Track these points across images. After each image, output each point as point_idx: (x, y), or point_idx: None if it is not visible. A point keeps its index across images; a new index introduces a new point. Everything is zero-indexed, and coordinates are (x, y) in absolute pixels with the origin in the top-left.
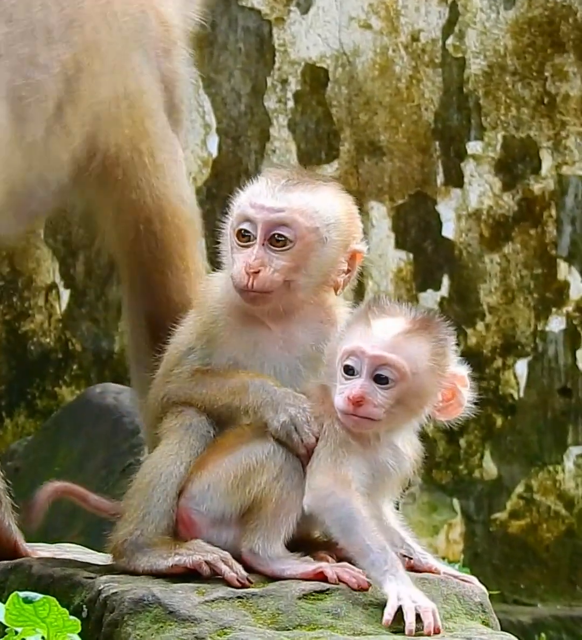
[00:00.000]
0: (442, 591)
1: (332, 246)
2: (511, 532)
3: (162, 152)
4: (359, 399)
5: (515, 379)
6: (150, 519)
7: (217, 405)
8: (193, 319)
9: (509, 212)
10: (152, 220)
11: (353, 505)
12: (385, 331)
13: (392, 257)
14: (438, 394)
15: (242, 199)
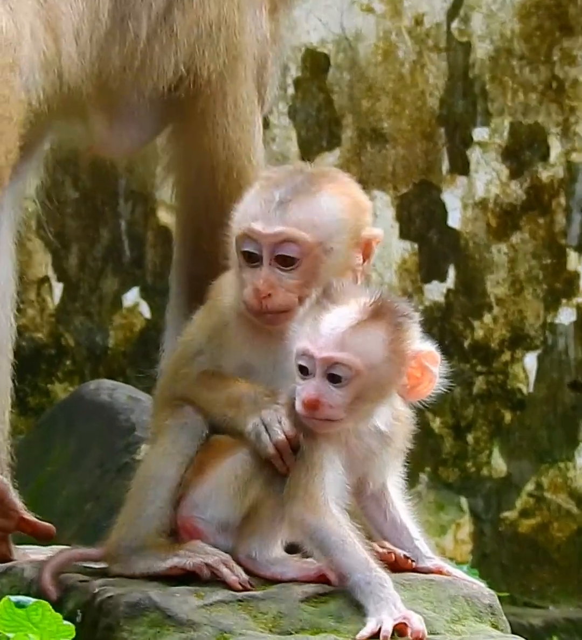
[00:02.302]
0: (449, 593)
1: (340, 251)
2: (521, 531)
3: (244, 108)
4: (313, 403)
5: (524, 373)
6: (143, 522)
7: (214, 412)
8: (203, 321)
9: (516, 201)
10: (216, 172)
11: (327, 528)
12: (333, 327)
13: (396, 247)
14: (402, 378)
15: (241, 219)
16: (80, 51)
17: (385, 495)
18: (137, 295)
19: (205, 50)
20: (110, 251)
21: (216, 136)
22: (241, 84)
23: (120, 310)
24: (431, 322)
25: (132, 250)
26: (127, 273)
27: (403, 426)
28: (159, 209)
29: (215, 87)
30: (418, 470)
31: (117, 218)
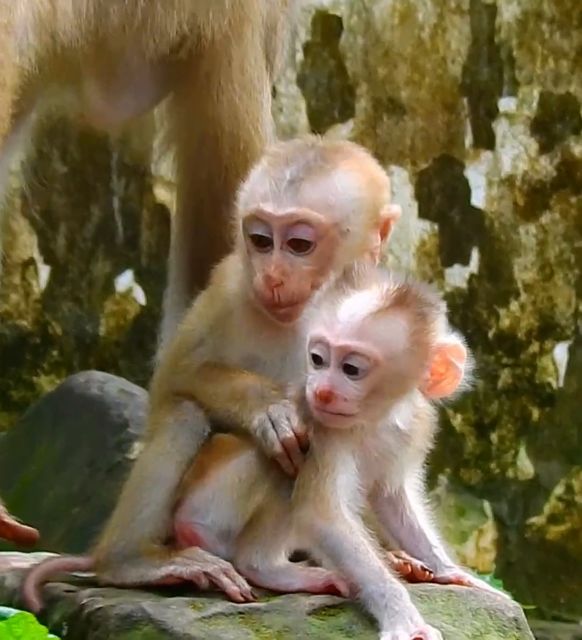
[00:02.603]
0: (471, 605)
1: (358, 232)
2: (549, 538)
3: (252, 74)
4: (326, 395)
5: (553, 366)
6: (136, 527)
7: (216, 407)
8: (205, 309)
9: (546, 178)
10: (221, 143)
11: (338, 534)
12: (351, 313)
13: (414, 228)
14: (424, 373)
15: (248, 200)
16: (76, 8)
17: (402, 499)
18: (131, 280)
19: (209, 8)
20: (101, 231)
21: (221, 104)
22: (248, 47)
23: (112, 295)
24: (452, 310)
25: (126, 230)
26: (120, 255)
27: (424, 424)
28: (155, 185)
29: (220, 50)
30: (437, 472)
31: (110, 195)
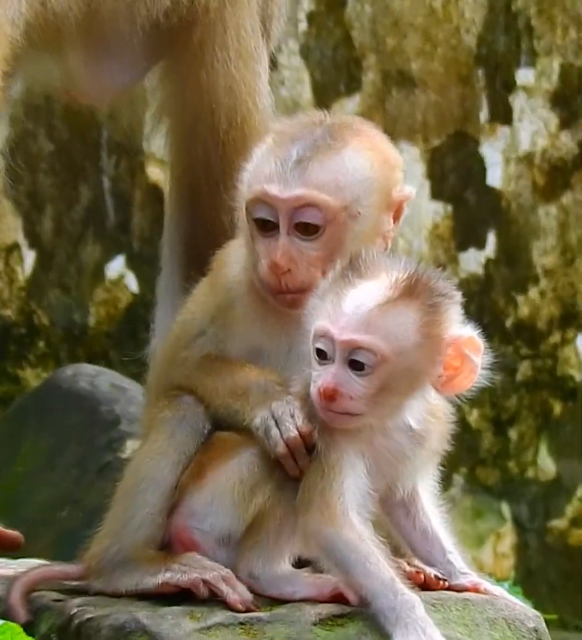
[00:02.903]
0: (488, 615)
1: (369, 215)
2: (572, 543)
3: (248, 41)
4: (331, 392)
5: (576, 357)
6: (129, 532)
7: (217, 403)
8: (206, 297)
9: (567, 155)
10: (217, 116)
11: (346, 543)
12: (357, 305)
13: (426, 210)
14: (436, 368)
15: (252, 181)
16: None
17: (415, 501)
18: (122, 265)
19: None
20: (90, 213)
21: (216, 73)
22: (244, 12)
23: (102, 282)
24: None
25: (117, 212)
26: (110, 239)
27: (440, 424)
28: (148, 164)
29: (215, 15)
30: (452, 471)
31: (99, 174)
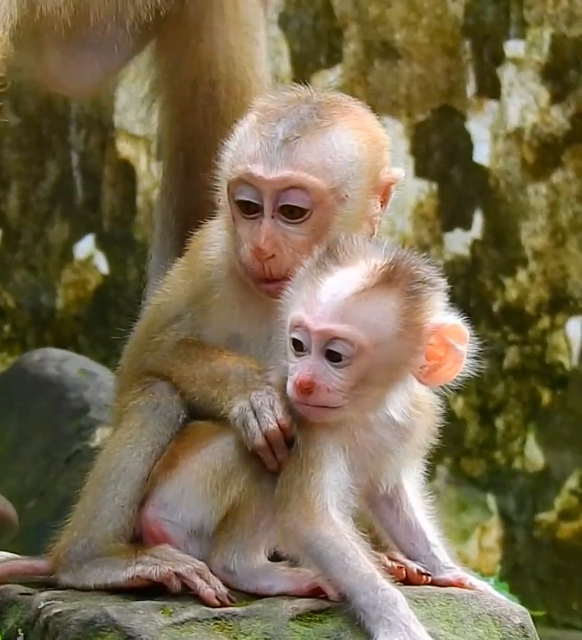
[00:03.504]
0: (472, 610)
1: (357, 198)
2: (561, 537)
3: (246, 10)
4: (307, 385)
5: (566, 343)
6: (99, 524)
7: (194, 390)
8: (183, 280)
9: (558, 131)
10: (216, 86)
11: (324, 539)
12: (333, 294)
13: (410, 188)
14: (418, 358)
15: (235, 161)
16: None
17: (399, 494)
18: (91, 245)
19: None
20: (58, 190)
21: (214, 44)
22: None
23: (71, 263)
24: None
25: (86, 189)
26: (79, 217)
27: (425, 417)
28: (118, 139)
29: None
30: (436, 462)
31: (68, 149)
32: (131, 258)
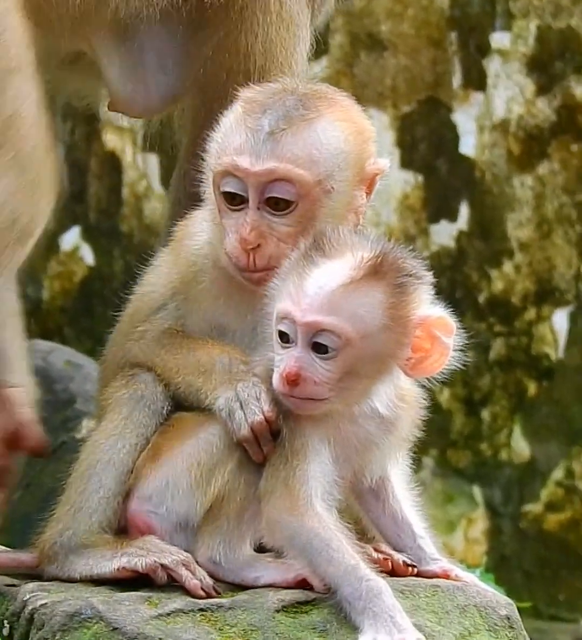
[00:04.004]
0: (458, 602)
1: (343, 190)
2: (547, 528)
3: (291, 7)
4: (293, 377)
5: (552, 335)
6: (84, 516)
7: (178, 380)
8: (168, 269)
9: (544, 123)
10: (251, 76)
11: (308, 531)
12: (320, 286)
13: (396, 179)
14: (404, 351)
15: (221, 152)
16: None
17: (384, 485)
18: (77, 237)
19: None
20: None
21: (254, 34)
22: None
23: (56, 255)
24: (438, 272)
25: (72, 181)
26: (65, 209)
27: (410, 409)
28: (105, 131)
29: None
30: (422, 454)
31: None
32: (117, 250)
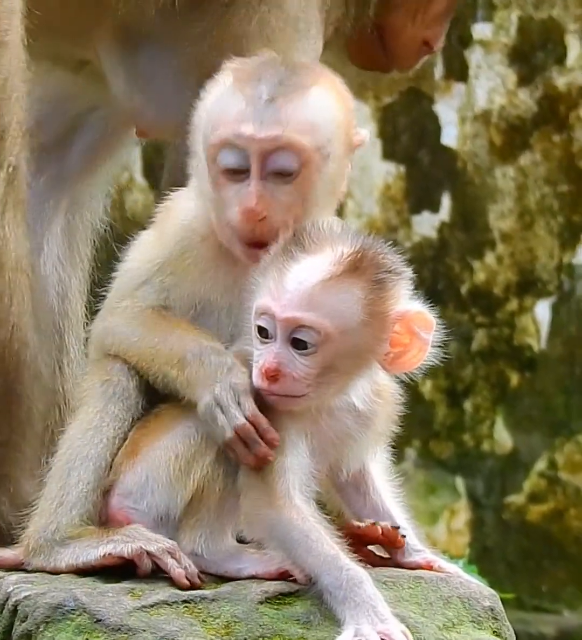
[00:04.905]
0: (442, 593)
1: (337, 157)
2: (530, 519)
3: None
4: (273, 373)
5: (534, 326)
6: (64, 510)
7: (154, 369)
8: (153, 246)
9: (526, 114)
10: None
11: (287, 522)
12: (300, 281)
13: (378, 170)
14: (382, 347)
15: (217, 123)
16: None
17: (365, 478)
18: None
19: None
20: None
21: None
22: None
23: None
24: (420, 263)
25: None
26: None
27: (386, 405)
28: None
29: None
30: (404, 445)
31: None
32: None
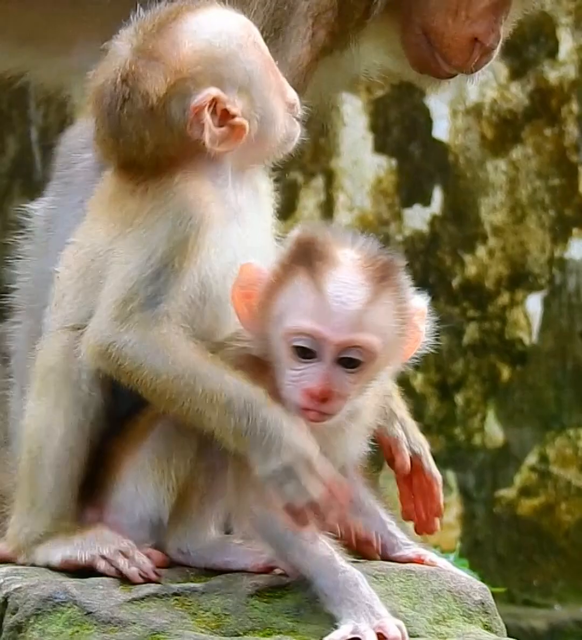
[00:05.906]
0: (432, 587)
1: None
2: (521, 513)
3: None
4: (327, 395)
5: (526, 319)
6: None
7: (202, 420)
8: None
9: (517, 107)
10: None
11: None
12: (342, 301)
13: (369, 164)
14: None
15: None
16: None
17: (349, 472)
18: None
19: None
20: (17, 166)
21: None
22: None
23: None
24: (412, 256)
25: (46, 164)
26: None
27: (373, 397)
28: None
29: None
30: None
31: (27, 125)
32: None
